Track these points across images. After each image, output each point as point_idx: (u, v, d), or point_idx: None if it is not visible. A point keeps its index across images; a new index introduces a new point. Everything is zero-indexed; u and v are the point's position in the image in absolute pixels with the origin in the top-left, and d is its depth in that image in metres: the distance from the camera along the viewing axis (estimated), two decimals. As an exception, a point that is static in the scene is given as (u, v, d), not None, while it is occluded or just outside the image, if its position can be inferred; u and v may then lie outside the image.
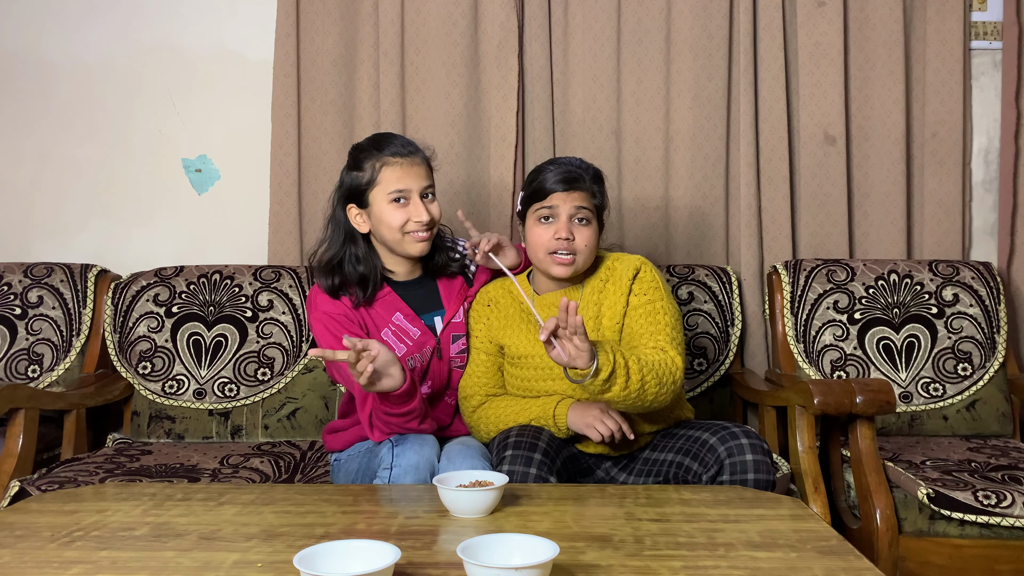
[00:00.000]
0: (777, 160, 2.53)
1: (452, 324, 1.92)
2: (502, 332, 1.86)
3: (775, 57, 2.52)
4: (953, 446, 2.17)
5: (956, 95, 2.54)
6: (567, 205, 1.76)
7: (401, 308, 1.89)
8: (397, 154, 1.84)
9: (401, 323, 1.88)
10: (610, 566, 1.19)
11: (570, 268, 1.77)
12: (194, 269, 2.46)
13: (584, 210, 1.77)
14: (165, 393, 2.33)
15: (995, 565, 1.81)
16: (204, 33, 2.65)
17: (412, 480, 1.67)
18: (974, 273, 2.41)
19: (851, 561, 1.21)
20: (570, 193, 1.76)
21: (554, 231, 1.76)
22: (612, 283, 1.83)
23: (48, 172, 2.68)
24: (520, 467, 1.64)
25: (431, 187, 1.88)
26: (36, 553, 1.27)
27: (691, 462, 1.71)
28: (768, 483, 1.63)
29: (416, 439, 1.74)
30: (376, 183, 1.83)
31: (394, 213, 1.83)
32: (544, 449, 1.68)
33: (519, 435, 1.71)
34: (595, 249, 1.81)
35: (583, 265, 1.79)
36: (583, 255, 1.78)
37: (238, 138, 2.66)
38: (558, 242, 1.75)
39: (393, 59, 2.52)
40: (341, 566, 1.10)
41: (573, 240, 1.76)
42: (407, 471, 1.68)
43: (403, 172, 1.83)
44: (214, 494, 1.58)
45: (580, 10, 2.54)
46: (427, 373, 1.89)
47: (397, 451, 1.71)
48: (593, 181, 1.81)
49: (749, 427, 1.73)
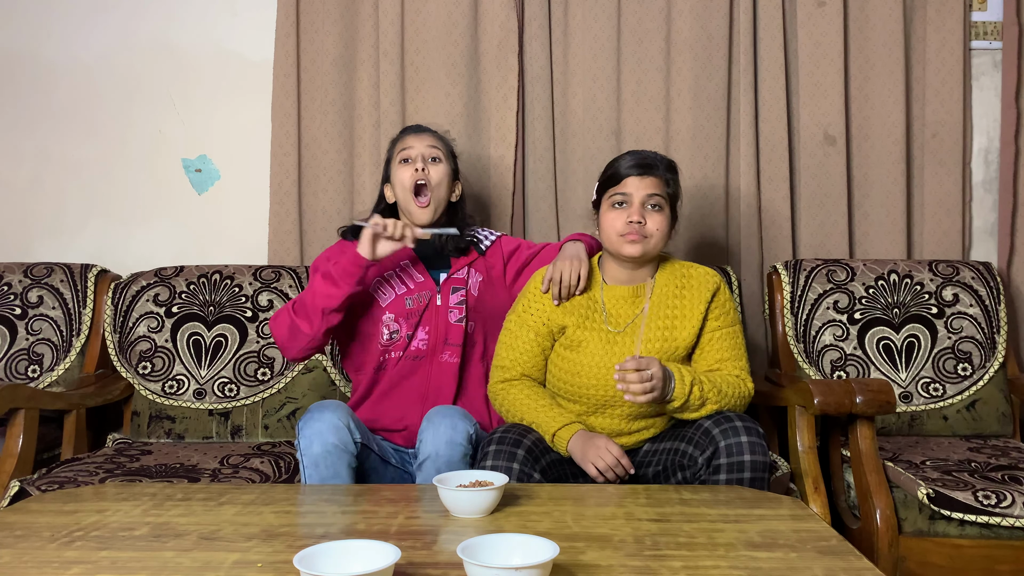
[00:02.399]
0: (777, 160, 2.53)
1: (453, 278, 2.03)
2: (565, 315, 1.87)
3: (775, 57, 2.52)
4: (953, 446, 2.17)
5: (956, 95, 2.54)
6: (640, 191, 1.81)
7: (410, 255, 2.04)
8: (409, 129, 2.13)
9: (406, 266, 2.04)
10: (610, 566, 1.19)
11: (640, 246, 1.80)
12: (194, 269, 2.46)
13: (657, 196, 1.81)
14: (165, 393, 2.33)
15: (995, 565, 1.81)
16: (204, 33, 2.65)
17: (319, 446, 1.72)
18: (974, 273, 2.41)
19: (851, 561, 1.21)
20: (644, 178, 1.81)
21: (627, 215, 1.80)
22: (690, 292, 1.87)
23: (48, 172, 2.68)
24: (503, 462, 1.66)
25: (438, 152, 2.06)
26: (36, 553, 1.27)
27: (687, 446, 1.74)
28: (764, 465, 1.64)
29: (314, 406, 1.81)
30: (394, 156, 2.08)
31: (402, 173, 2.04)
32: (528, 447, 1.71)
33: (505, 432, 1.74)
34: (667, 236, 1.84)
35: (654, 249, 1.83)
36: (654, 239, 1.82)
37: (238, 138, 2.66)
38: (630, 225, 1.79)
39: (393, 59, 2.52)
40: (341, 566, 1.10)
41: (645, 224, 1.80)
42: (311, 439, 1.73)
43: (412, 141, 2.07)
44: (214, 494, 1.58)
45: (580, 10, 2.54)
46: (423, 317, 1.98)
47: (300, 425, 1.77)
48: (667, 170, 1.85)
49: (745, 414, 1.75)
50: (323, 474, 1.73)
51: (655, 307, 1.85)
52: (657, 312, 1.85)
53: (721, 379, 1.79)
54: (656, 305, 1.86)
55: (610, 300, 1.87)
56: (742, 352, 1.87)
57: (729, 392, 1.77)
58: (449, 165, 2.08)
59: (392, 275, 2.03)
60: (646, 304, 1.84)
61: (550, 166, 2.55)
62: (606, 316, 1.86)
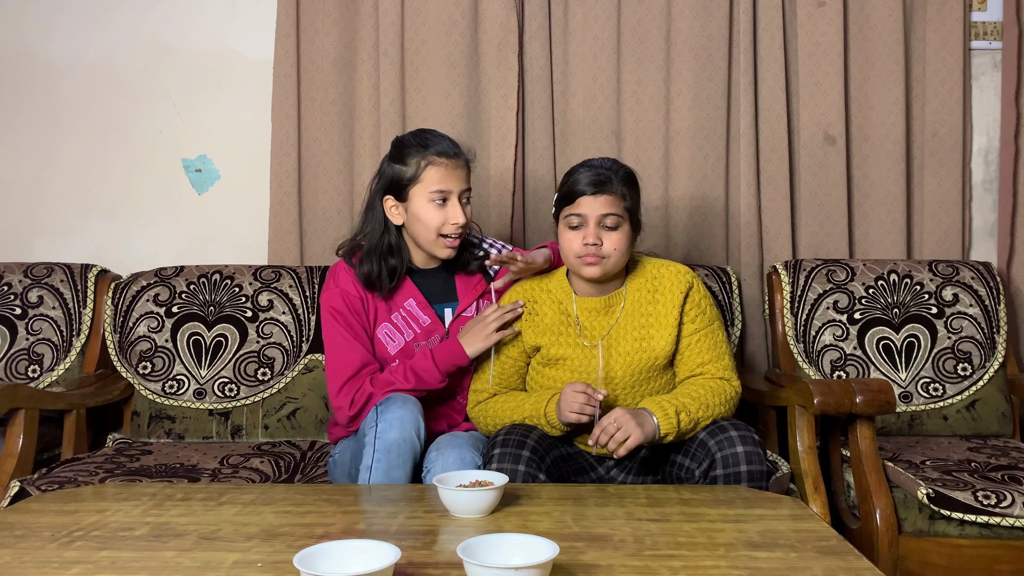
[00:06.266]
0: (777, 160, 2.53)
1: (462, 318, 1.95)
2: (540, 334, 1.85)
3: (775, 57, 2.52)
4: (953, 446, 2.17)
5: (956, 95, 2.54)
6: (595, 211, 1.76)
7: (414, 295, 1.94)
8: (444, 154, 1.87)
9: (412, 309, 1.93)
10: (610, 566, 1.19)
11: (598, 268, 1.77)
12: (194, 269, 2.46)
13: (612, 216, 1.76)
14: (165, 393, 2.33)
15: (995, 565, 1.81)
16: (204, 33, 2.65)
17: (398, 433, 1.69)
18: (974, 273, 2.41)
19: (851, 561, 1.21)
20: (598, 197, 1.76)
21: (583, 237, 1.76)
22: (662, 295, 1.84)
23: (48, 172, 2.68)
24: (508, 464, 1.65)
25: (469, 191, 1.91)
26: (36, 553, 1.27)
27: (683, 458, 1.74)
28: (761, 473, 1.64)
29: (398, 397, 1.77)
30: (419, 180, 1.86)
31: (434, 213, 1.86)
32: (532, 447, 1.70)
33: (508, 433, 1.73)
34: (626, 252, 1.80)
35: (613, 268, 1.80)
36: (612, 258, 1.77)
37: (238, 138, 2.66)
38: (587, 247, 1.76)
39: (393, 59, 2.52)
40: (341, 566, 1.10)
41: (601, 245, 1.76)
42: (391, 424, 1.69)
43: (447, 173, 1.86)
44: (214, 494, 1.58)
45: (580, 10, 2.54)
46: None
47: (381, 409, 1.73)
48: (623, 183, 1.79)
49: (739, 421, 1.74)
50: (392, 462, 1.69)
51: (628, 316, 1.83)
52: (631, 322, 1.82)
53: (705, 389, 1.76)
54: (629, 314, 1.83)
55: (583, 313, 1.85)
56: (723, 350, 1.84)
57: (716, 401, 1.75)
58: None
59: (396, 317, 1.93)
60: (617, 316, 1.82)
61: (550, 166, 2.55)
62: (580, 330, 1.83)
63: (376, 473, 1.69)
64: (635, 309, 1.83)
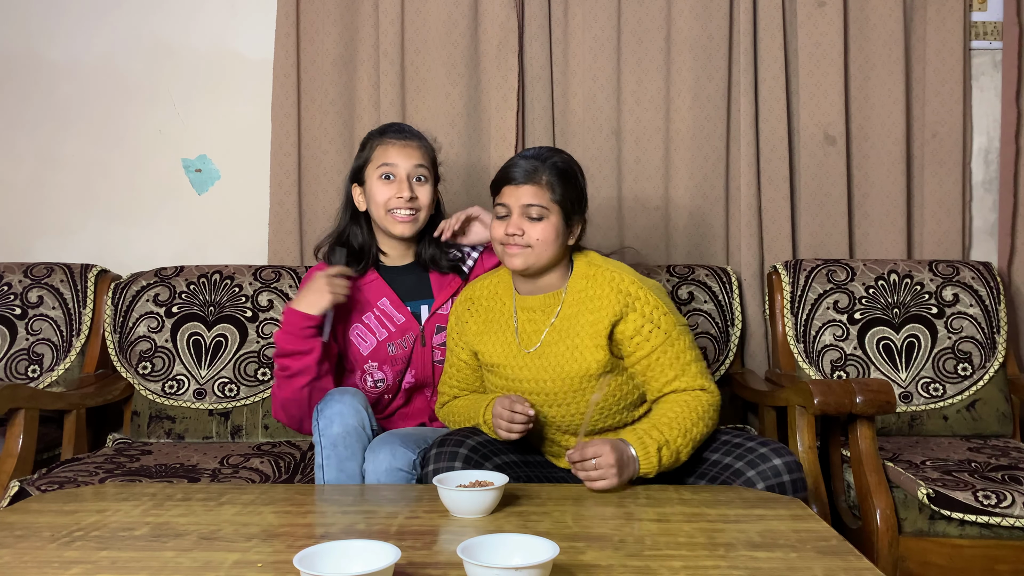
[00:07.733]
0: (777, 160, 2.53)
1: (437, 315, 1.94)
2: (478, 338, 1.80)
3: (775, 57, 2.52)
4: (953, 446, 2.17)
5: (956, 95, 2.54)
6: (517, 202, 1.69)
7: (387, 294, 1.94)
8: (393, 133, 1.95)
9: (386, 308, 1.93)
10: (610, 566, 1.19)
11: (520, 259, 1.69)
12: (194, 269, 2.46)
13: (535, 207, 1.68)
14: (165, 393, 2.33)
15: (995, 565, 1.81)
16: (204, 33, 2.65)
17: (340, 427, 1.70)
18: (974, 273, 2.41)
19: (851, 561, 1.21)
20: (520, 187, 1.69)
21: (506, 226, 1.71)
22: (593, 313, 1.70)
23: (48, 172, 2.68)
24: (444, 463, 1.61)
25: (424, 171, 1.93)
26: (36, 553, 1.27)
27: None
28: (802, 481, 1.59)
29: (335, 392, 1.78)
30: (370, 160, 1.93)
31: (381, 188, 1.90)
32: (472, 447, 1.64)
33: (449, 435, 1.69)
34: (553, 244, 1.70)
35: (537, 260, 1.70)
36: (536, 249, 1.69)
37: (238, 138, 2.66)
38: (508, 237, 1.70)
39: (393, 59, 2.52)
40: (341, 566, 1.10)
41: (522, 235, 1.69)
42: (332, 420, 1.71)
43: (396, 150, 1.92)
44: (214, 494, 1.58)
45: (580, 10, 2.54)
46: (410, 361, 1.92)
47: (320, 408, 1.74)
48: (552, 173, 1.70)
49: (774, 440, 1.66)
50: (341, 455, 1.70)
51: (564, 319, 1.73)
52: (566, 326, 1.72)
53: (681, 406, 1.65)
54: (564, 317, 1.73)
55: (522, 311, 1.77)
56: (689, 359, 1.68)
57: (692, 420, 1.63)
58: (433, 178, 1.96)
59: (369, 318, 1.92)
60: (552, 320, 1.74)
61: (550, 166, 2.55)
62: (518, 334, 1.76)
63: (328, 470, 1.71)
64: (571, 313, 1.72)
